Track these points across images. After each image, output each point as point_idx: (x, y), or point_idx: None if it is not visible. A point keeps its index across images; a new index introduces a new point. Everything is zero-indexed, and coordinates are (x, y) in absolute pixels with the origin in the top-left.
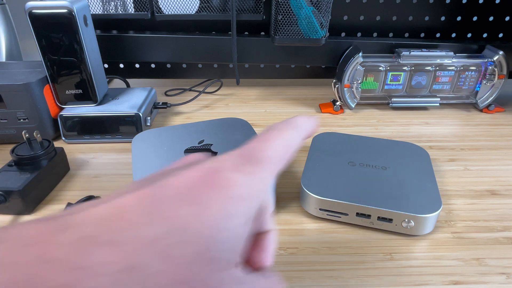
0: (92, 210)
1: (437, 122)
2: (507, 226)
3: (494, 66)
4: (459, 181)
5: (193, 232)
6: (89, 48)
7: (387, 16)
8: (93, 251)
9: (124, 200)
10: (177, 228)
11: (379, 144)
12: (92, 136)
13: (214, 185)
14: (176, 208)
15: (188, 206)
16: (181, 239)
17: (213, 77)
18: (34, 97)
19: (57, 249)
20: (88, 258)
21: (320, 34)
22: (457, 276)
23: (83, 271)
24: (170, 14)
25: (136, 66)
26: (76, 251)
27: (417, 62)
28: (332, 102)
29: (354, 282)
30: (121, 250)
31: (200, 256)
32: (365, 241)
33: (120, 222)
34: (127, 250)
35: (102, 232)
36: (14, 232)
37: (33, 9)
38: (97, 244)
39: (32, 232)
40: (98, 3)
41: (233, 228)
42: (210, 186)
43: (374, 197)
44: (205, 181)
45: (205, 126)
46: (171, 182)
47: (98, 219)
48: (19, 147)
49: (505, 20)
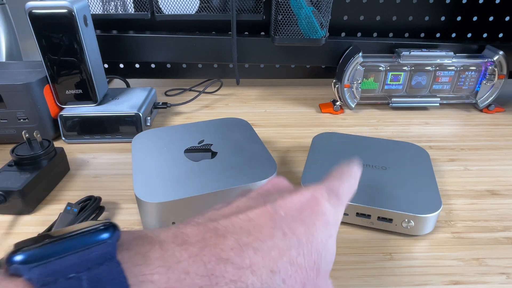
0: (235, 220)
1: (437, 122)
2: (507, 226)
3: (494, 66)
4: (459, 181)
5: (310, 247)
6: (89, 48)
7: (387, 16)
8: (249, 255)
9: (255, 214)
10: (301, 242)
11: (379, 144)
12: (92, 136)
13: (314, 210)
14: (295, 226)
15: (302, 225)
16: (303, 252)
17: (213, 77)
18: (34, 97)
19: (227, 252)
20: (247, 261)
21: (320, 34)
22: (457, 276)
23: (245, 270)
24: (170, 14)
25: (136, 66)
26: (239, 254)
27: (417, 62)
28: (332, 102)
29: (354, 282)
30: (266, 256)
31: (314, 266)
32: (365, 241)
33: (261, 234)
34: (270, 257)
35: (252, 241)
36: (191, 236)
37: (33, 9)
38: (251, 250)
39: (198, 238)
40: (98, 3)
41: (330, 247)
42: (312, 210)
43: (374, 197)
44: (307, 206)
45: (205, 126)
46: (283, 204)
47: (245, 229)
48: (19, 147)
49: (505, 20)
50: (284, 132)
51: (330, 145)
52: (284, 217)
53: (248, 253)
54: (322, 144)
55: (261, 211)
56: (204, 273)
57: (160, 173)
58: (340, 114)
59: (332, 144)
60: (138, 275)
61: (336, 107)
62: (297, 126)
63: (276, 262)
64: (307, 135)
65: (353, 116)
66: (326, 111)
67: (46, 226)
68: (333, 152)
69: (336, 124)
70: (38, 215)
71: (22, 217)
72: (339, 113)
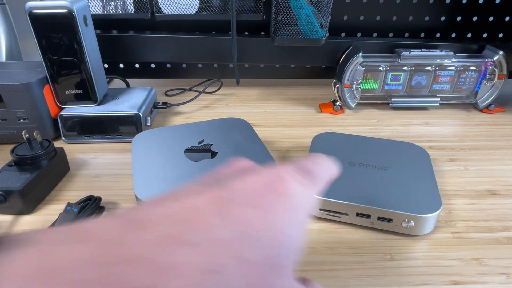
0: (164, 210)
1: (437, 122)
2: (507, 226)
3: (494, 66)
4: (459, 181)
5: (262, 237)
6: (89, 48)
7: (387, 16)
8: (176, 251)
9: (194, 201)
10: (248, 232)
11: (379, 144)
12: (92, 136)
13: (277, 192)
14: (244, 211)
15: (255, 209)
16: (253, 244)
17: (213, 77)
18: (34, 97)
19: (141, 248)
20: (172, 258)
21: (320, 34)
22: (457, 276)
23: (167, 271)
24: (170, 14)
25: (136, 66)
26: (160, 251)
27: (417, 62)
28: (332, 102)
29: (354, 282)
30: (200, 251)
31: (269, 261)
32: (365, 241)
33: (196, 223)
34: (206, 252)
35: (181, 233)
36: (96, 231)
37: (33, 9)
38: (179, 244)
39: (113, 232)
40: (98, 3)
41: (293, 235)
42: (273, 192)
43: (374, 197)
44: (268, 187)
45: (205, 126)
46: (237, 186)
47: (174, 219)
48: (19, 147)
49: (505, 20)
50: (284, 132)
51: (330, 145)
52: (233, 202)
53: (173, 249)
54: (322, 144)
55: (204, 196)
56: (96, 277)
57: (160, 173)
58: (340, 114)
59: (332, 144)
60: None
61: (336, 107)
62: (297, 126)
63: (214, 258)
64: (307, 135)
65: (353, 116)
66: (326, 111)
67: (46, 226)
68: (333, 152)
69: (336, 124)
70: (38, 215)
71: (22, 217)
72: (339, 113)
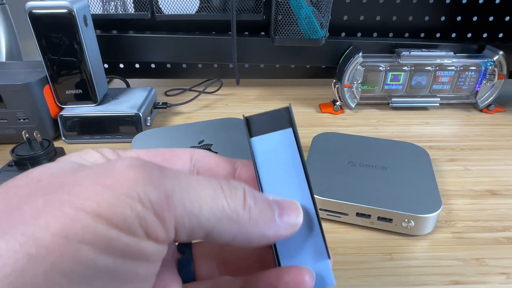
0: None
1: (437, 122)
2: (507, 226)
3: (494, 66)
4: (459, 181)
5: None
6: (89, 48)
7: (387, 16)
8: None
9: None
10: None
11: (379, 144)
12: (92, 136)
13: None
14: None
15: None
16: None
17: (213, 77)
18: (34, 97)
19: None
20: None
21: (320, 34)
22: (457, 276)
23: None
24: (170, 14)
25: (136, 66)
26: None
27: (417, 62)
28: (332, 102)
29: (354, 282)
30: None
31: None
32: (365, 241)
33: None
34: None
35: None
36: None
37: (33, 9)
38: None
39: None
40: (98, 3)
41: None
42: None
43: (374, 197)
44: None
45: (205, 126)
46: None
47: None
48: (19, 147)
49: (505, 20)
50: None
51: (330, 145)
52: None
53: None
54: (322, 144)
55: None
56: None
57: None
58: (340, 114)
59: (332, 144)
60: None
61: (336, 107)
62: (297, 126)
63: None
64: (307, 135)
65: (353, 116)
66: (326, 111)
67: None
68: (333, 152)
69: (336, 124)
70: None
71: None
72: (339, 113)
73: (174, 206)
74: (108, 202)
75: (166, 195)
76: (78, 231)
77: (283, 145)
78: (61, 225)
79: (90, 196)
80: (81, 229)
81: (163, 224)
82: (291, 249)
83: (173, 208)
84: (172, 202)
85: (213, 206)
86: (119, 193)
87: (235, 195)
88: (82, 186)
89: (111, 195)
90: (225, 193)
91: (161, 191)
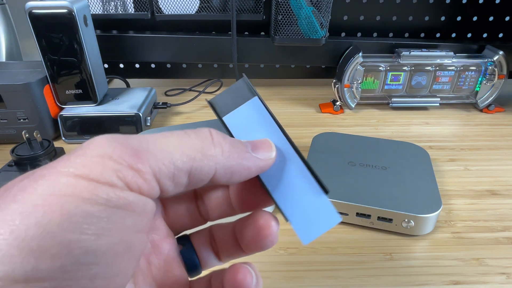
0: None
1: (437, 122)
2: (507, 226)
3: (494, 66)
4: (459, 181)
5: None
6: (89, 48)
7: (387, 16)
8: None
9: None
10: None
11: (379, 144)
12: (92, 136)
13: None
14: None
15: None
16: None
17: (213, 77)
18: (34, 97)
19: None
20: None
21: (320, 34)
22: (457, 276)
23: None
24: (170, 14)
25: (136, 66)
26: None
27: (417, 62)
28: (332, 102)
29: (354, 282)
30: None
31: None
32: (365, 241)
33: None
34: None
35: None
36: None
37: (33, 9)
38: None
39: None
40: (98, 3)
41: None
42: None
43: (374, 197)
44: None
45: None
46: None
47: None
48: (19, 147)
49: (505, 20)
50: None
51: (330, 145)
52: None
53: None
54: (322, 144)
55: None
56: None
57: None
58: (340, 114)
59: (332, 144)
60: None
61: (336, 107)
62: (297, 126)
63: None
64: (307, 135)
65: (353, 116)
66: (326, 111)
67: None
68: (333, 152)
69: (336, 124)
70: None
71: None
72: (339, 113)
73: (146, 157)
74: (83, 164)
75: (135, 150)
76: (61, 188)
77: (253, 113)
78: (46, 187)
79: (66, 164)
80: (64, 185)
81: (140, 174)
82: (286, 193)
83: (145, 159)
84: (143, 155)
85: (183, 148)
86: (91, 155)
87: (201, 135)
88: (59, 162)
89: (84, 159)
90: (190, 136)
91: (130, 148)
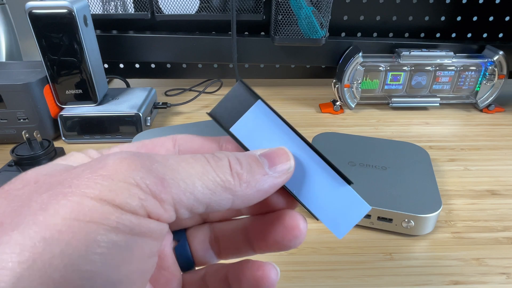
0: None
1: (437, 122)
2: (507, 226)
3: (494, 66)
4: (459, 181)
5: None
6: (89, 48)
7: (387, 16)
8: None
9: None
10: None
11: (379, 144)
12: (92, 136)
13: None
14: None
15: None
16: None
17: (213, 77)
18: (34, 97)
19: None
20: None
21: (320, 34)
22: (457, 276)
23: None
24: (170, 14)
25: (136, 66)
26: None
27: (417, 62)
28: (332, 102)
29: (354, 282)
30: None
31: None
32: (365, 241)
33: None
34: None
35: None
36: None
37: (33, 9)
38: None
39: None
40: (98, 3)
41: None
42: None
43: (374, 197)
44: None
45: (205, 126)
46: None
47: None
48: (19, 147)
49: (505, 20)
50: None
51: (330, 145)
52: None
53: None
54: (322, 144)
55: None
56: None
57: None
58: (340, 114)
59: (332, 144)
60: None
61: (336, 107)
62: (297, 126)
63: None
64: (307, 135)
65: (353, 116)
66: (326, 111)
67: None
68: (333, 152)
69: (336, 124)
70: None
71: None
72: (339, 113)
73: (169, 187)
74: (109, 188)
75: (160, 178)
76: (87, 213)
77: (261, 118)
78: (70, 210)
79: (90, 185)
80: (89, 211)
81: (162, 204)
82: (310, 193)
83: (168, 189)
84: (167, 185)
85: (204, 180)
86: (117, 180)
87: (221, 165)
88: (81, 180)
89: (110, 183)
90: (212, 166)
91: (155, 176)
